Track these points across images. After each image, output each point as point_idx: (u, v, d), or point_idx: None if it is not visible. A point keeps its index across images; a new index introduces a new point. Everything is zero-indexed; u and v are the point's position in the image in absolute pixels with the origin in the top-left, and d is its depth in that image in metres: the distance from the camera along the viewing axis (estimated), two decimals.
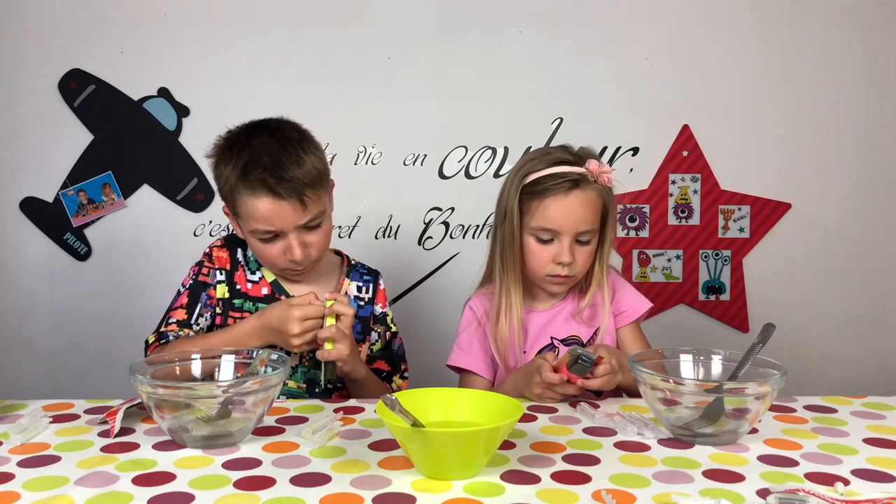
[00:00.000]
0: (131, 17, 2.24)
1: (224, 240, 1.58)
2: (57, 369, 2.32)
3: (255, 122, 1.48)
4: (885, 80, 2.34)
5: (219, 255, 1.55)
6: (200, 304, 1.50)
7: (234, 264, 1.55)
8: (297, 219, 1.40)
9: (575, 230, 1.45)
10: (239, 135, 1.45)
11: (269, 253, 1.45)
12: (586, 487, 0.95)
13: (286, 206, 1.38)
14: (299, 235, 1.42)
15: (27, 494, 0.93)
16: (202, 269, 1.53)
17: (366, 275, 1.62)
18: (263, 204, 1.38)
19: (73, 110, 2.25)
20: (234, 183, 1.40)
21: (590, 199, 1.45)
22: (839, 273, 2.38)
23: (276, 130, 1.45)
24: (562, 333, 1.54)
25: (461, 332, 1.58)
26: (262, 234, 1.42)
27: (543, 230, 1.46)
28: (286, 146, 1.41)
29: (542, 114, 2.30)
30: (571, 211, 1.44)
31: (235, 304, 1.52)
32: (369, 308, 1.59)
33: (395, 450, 1.07)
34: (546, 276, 1.49)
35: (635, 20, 2.29)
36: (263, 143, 1.41)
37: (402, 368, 1.61)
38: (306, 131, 1.49)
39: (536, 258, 1.48)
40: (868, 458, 1.05)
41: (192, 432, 1.08)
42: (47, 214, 2.28)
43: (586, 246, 1.48)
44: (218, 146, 1.47)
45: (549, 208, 1.44)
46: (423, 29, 2.27)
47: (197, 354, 1.23)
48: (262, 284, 1.53)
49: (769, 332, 1.22)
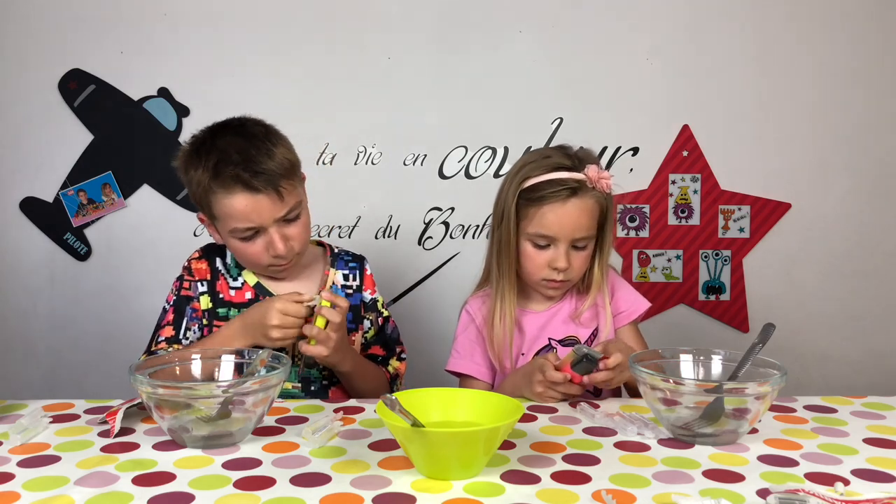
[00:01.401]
0: (131, 17, 2.24)
1: (202, 251, 1.56)
2: (57, 369, 2.32)
3: (217, 124, 1.46)
4: (884, 80, 2.33)
5: (197, 266, 1.53)
6: (186, 318, 1.49)
7: (215, 274, 1.53)
8: (276, 211, 1.39)
9: (571, 237, 1.45)
10: (203, 138, 1.44)
11: (250, 252, 1.43)
12: (586, 487, 0.95)
13: (263, 199, 1.37)
14: (279, 229, 1.41)
15: (27, 494, 0.93)
16: (183, 284, 1.52)
17: (351, 262, 1.60)
18: (240, 200, 1.37)
19: (73, 110, 2.25)
20: (206, 184, 1.39)
21: (588, 206, 1.45)
22: (839, 273, 2.38)
23: (240, 128, 1.44)
24: (559, 334, 1.54)
25: (458, 337, 1.58)
26: (241, 232, 1.40)
27: (540, 236, 1.46)
28: (253, 141, 1.40)
29: (542, 114, 2.30)
30: (569, 219, 1.44)
31: (220, 313, 1.50)
32: (358, 296, 1.58)
33: (395, 450, 1.07)
34: (541, 281, 1.49)
35: (635, 20, 2.29)
36: (230, 142, 1.40)
37: (398, 351, 1.61)
38: (271, 126, 1.47)
39: (532, 262, 1.48)
40: (868, 458, 1.05)
41: (192, 432, 1.08)
42: (47, 214, 2.28)
43: (583, 251, 1.48)
44: (184, 152, 1.45)
45: (547, 216, 1.44)
46: (423, 29, 2.27)
47: (197, 354, 1.23)
48: (244, 289, 1.52)
49: (769, 332, 1.22)
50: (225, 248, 1.54)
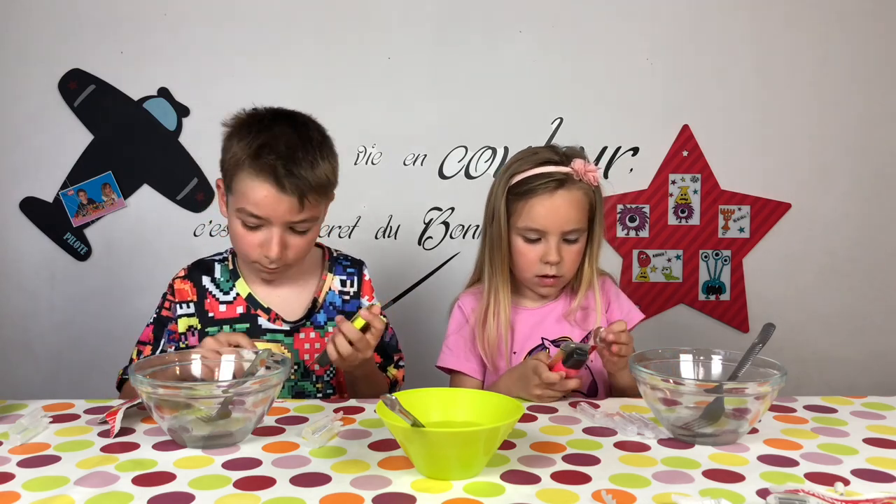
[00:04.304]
0: (131, 17, 2.24)
1: (187, 269, 1.53)
2: (57, 369, 2.32)
3: (282, 110, 1.44)
4: (884, 80, 2.33)
5: (181, 287, 1.50)
6: (164, 339, 1.48)
7: (202, 293, 1.49)
8: (290, 216, 1.37)
9: (561, 229, 1.46)
10: (263, 116, 1.41)
11: (246, 240, 1.40)
12: (586, 487, 0.95)
13: (285, 200, 1.35)
14: (283, 233, 1.38)
15: (27, 494, 0.93)
16: (164, 304, 1.50)
17: (349, 267, 1.58)
18: (263, 189, 1.35)
19: (73, 110, 2.25)
20: (241, 158, 1.36)
21: (575, 198, 1.47)
22: (839, 273, 2.38)
23: (301, 126, 1.41)
24: (552, 334, 1.54)
25: (450, 334, 1.58)
26: (248, 216, 1.37)
27: (530, 230, 1.47)
28: (305, 144, 1.37)
29: (542, 114, 2.30)
30: (557, 210, 1.46)
31: (210, 332, 1.46)
32: (355, 302, 1.56)
33: (395, 450, 1.07)
34: (534, 277, 1.50)
35: (635, 20, 2.29)
36: (284, 133, 1.37)
37: (396, 359, 1.59)
38: (329, 137, 1.44)
39: (524, 258, 1.49)
40: (868, 458, 1.05)
41: (192, 432, 1.08)
42: (47, 214, 2.28)
43: (574, 245, 1.49)
44: (239, 119, 1.42)
45: (535, 208, 1.46)
46: (423, 29, 2.27)
47: (197, 354, 1.23)
48: (236, 304, 1.49)
49: (769, 332, 1.22)
50: (213, 265, 1.52)
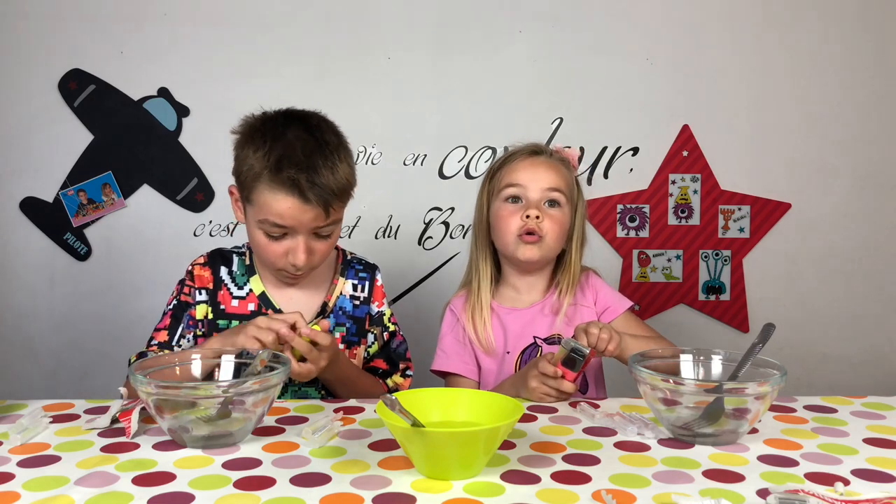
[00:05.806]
0: (131, 17, 2.24)
1: (207, 256, 1.50)
2: (57, 369, 2.32)
3: (293, 111, 1.39)
4: (884, 80, 2.34)
5: (200, 273, 1.48)
6: (182, 325, 1.46)
7: (218, 283, 1.48)
8: (315, 223, 1.35)
9: (542, 187, 1.50)
10: (275, 121, 1.36)
11: (270, 249, 1.37)
12: (586, 487, 0.95)
13: (310, 210, 1.32)
14: (308, 240, 1.36)
15: (27, 494, 0.93)
16: (184, 289, 1.48)
17: (362, 272, 1.55)
18: (286, 202, 1.31)
19: (73, 110, 2.25)
20: (259, 171, 1.31)
21: (555, 165, 1.53)
22: (839, 273, 2.38)
23: (315, 129, 1.36)
24: (544, 332, 1.55)
25: (444, 336, 1.59)
26: (271, 227, 1.35)
27: (511, 186, 1.51)
28: (323, 149, 1.34)
29: (542, 114, 2.31)
30: (537, 168, 1.52)
31: (220, 325, 1.45)
32: (365, 308, 1.53)
33: (395, 450, 1.07)
34: (516, 239, 1.49)
35: (635, 20, 2.29)
36: (299, 139, 1.33)
37: (403, 367, 1.55)
38: (343, 137, 1.41)
39: (506, 222, 1.50)
40: (868, 458, 1.05)
41: (192, 432, 1.08)
42: (47, 214, 2.28)
43: (555, 211, 1.50)
44: (250, 125, 1.37)
45: (516, 168, 1.53)
46: (423, 29, 2.27)
47: (197, 354, 1.23)
48: (249, 300, 1.47)
49: (769, 332, 1.22)
50: (232, 256, 1.51)
